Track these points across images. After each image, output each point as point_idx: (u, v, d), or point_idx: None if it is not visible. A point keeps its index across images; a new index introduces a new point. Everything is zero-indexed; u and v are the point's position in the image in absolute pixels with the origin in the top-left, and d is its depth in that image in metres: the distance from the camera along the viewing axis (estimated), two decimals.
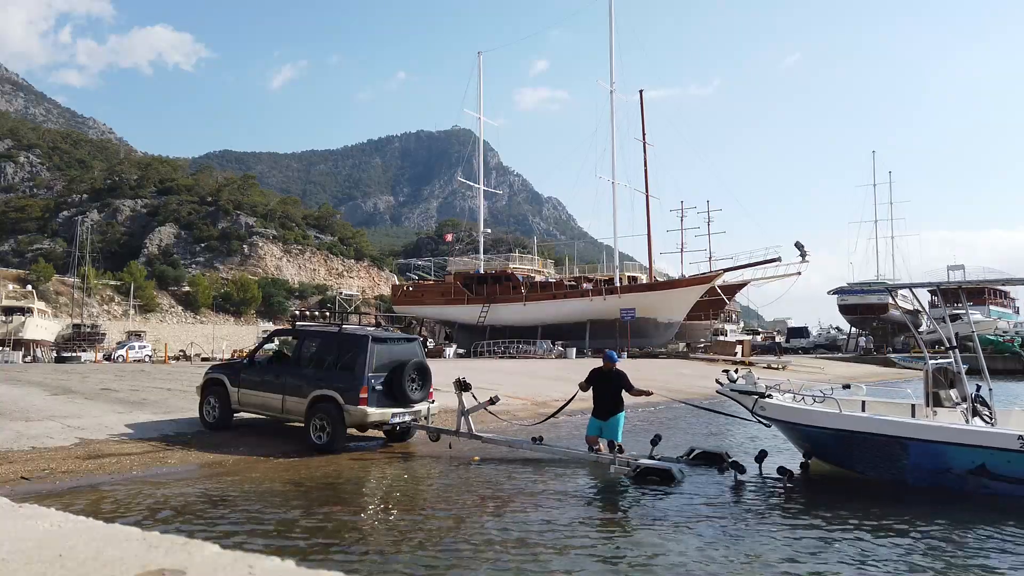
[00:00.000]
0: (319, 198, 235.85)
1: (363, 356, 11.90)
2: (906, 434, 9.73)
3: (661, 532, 7.63)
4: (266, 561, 2.02)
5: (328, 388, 11.93)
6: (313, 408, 12.03)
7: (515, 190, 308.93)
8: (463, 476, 10.72)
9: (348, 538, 7.29)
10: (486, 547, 6.95)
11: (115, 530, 2.37)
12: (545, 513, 8.39)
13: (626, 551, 7.01)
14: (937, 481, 9.52)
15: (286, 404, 12.43)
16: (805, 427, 10.81)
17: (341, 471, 10.86)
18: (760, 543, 7.30)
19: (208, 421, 13.14)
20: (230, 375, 13.24)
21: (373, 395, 11.81)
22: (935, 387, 10.71)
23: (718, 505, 8.94)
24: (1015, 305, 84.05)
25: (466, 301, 56.84)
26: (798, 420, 10.90)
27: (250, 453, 11.57)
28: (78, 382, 17.52)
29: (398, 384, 12.04)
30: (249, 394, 12.89)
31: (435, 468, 11.34)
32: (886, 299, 66.71)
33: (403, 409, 12.32)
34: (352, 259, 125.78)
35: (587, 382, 11.58)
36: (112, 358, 44.41)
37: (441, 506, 8.83)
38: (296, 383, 12.37)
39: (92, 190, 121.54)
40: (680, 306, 52.55)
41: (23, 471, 9.43)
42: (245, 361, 13.70)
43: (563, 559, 6.65)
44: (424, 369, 12.57)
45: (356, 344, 12.22)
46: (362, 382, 11.74)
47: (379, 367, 12.07)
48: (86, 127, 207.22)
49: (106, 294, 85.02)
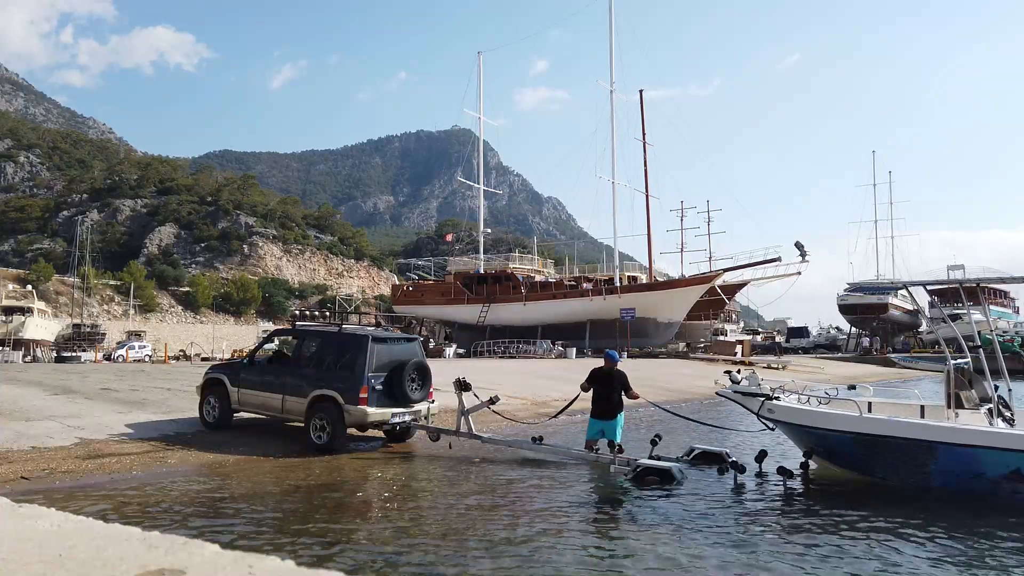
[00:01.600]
0: (319, 198, 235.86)
1: (363, 356, 11.88)
2: (935, 438, 9.34)
3: (662, 534, 7.62)
4: (266, 561, 2.02)
5: (328, 388, 11.91)
6: (313, 408, 12.01)
7: (515, 190, 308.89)
8: (463, 477, 10.72)
9: (349, 539, 7.29)
10: (486, 549, 6.95)
11: (115, 530, 2.37)
12: (546, 515, 8.39)
13: (625, 553, 7.01)
14: (968, 487, 9.18)
15: (286, 404, 12.43)
16: (821, 431, 10.34)
17: (342, 472, 10.86)
18: (766, 549, 7.28)
19: (208, 421, 13.16)
20: (230, 375, 13.23)
21: (373, 395, 11.80)
22: (957, 388, 10.26)
23: (718, 507, 8.92)
24: (1015, 305, 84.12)
25: (466, 301, 56.84)
26: (813, 424, 10.46)
27: (250, 453, 11.57)
28: (78, 382, 17.51)
29: (398, 384, 12.03)
30: (249, 394, 12.89)
31: (436, 470, 11.33)
32: (886, 299, 66.94)
33: (403, 409, 12.31)
34: (352, 259, 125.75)
35: (588, 382, 11.56)
36: (112, 358, 44.39)
37: (441, 507, 8.83)
38: (296, 383, 12.36)
39: (92, 190, 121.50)
40: (680, 306, 52.58)
41: (23, 471, 9.43)
42: (245, 361, 13.69)
43: (562, 558, 6.65)
44: (424, 369, 12.56)
45: (356, 344, 12.21)
46: (362, 382, 11.73)
47: (379, 367, 12.06)
48: (86, 127, 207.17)
49: (106, 294, 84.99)
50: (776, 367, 40.11)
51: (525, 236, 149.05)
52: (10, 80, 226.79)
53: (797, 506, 9.44)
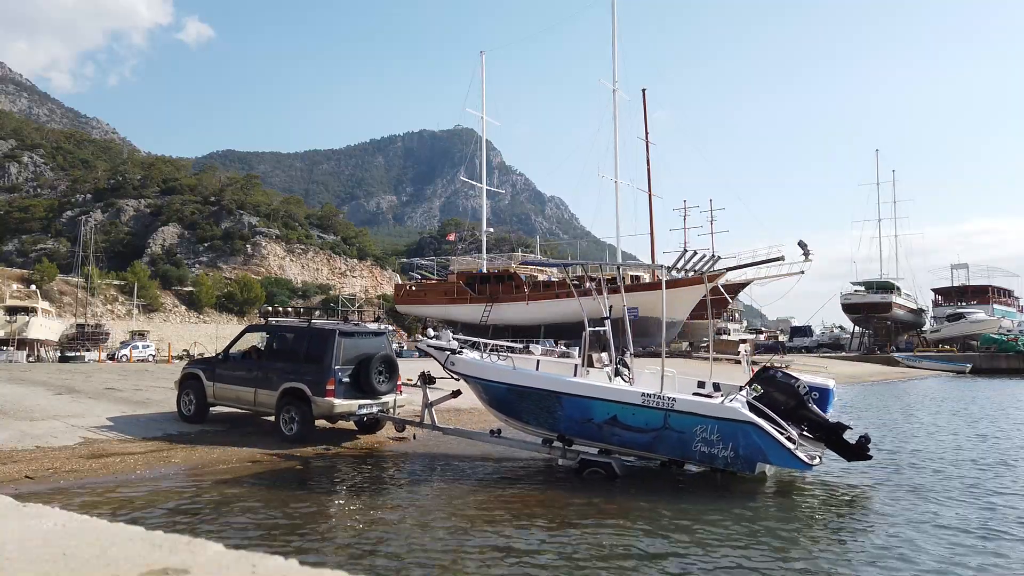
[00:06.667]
0: (322, 198, 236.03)
1: (330, 350, 12.33)
2: (562, 389, 10.94)
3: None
4: (269, 560, 2.02)
5: (297, 381, 12.37)
6: (283, 400, 12.47)
7: (518, 189, 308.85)
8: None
9: (346, 537, 7.30)
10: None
11: (118, 529, 2.37)
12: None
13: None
14: (582, 430, 10.80)
15: (258, 397, 12.87)
16: (485, 381, 11.71)
17: (342, 472, 10.89)
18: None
19: (185, 414, 13.62)
20: (206, 370, 13.71)
21: (340, 387, 12.25)
22: (591, 351, 12.04)
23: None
24: (1019, 304, 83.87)
25: (469, 300, 56.81)
26: (479, 375, 11.77)
27: (254, 452, 11.59)
28: (82, 382, 17.54)
29: (365, 377, 12.48)
30: (224, 388, 13.34)
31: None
32: (889, 298, 66.81)
33: (370, 401, 12.73)
34: (355, 259, 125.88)
35: None
36: (116, 358, 44.46)
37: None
38: (267, 377, 12.81)
39: (95, 190, 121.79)
40: (683, 305, 52.50)
41: (27, 470, 9.46)
42: (220, 356, 14.08)
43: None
44: (391, 362, 13.02)
45: (324, 338, 12.64)
46: (329, 375, 12.17)
47: (346, 360, 12.49)
48: (89, 127, 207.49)
49: (110, 294, 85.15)
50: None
51: (528, 235, 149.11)
52: (13, 80, 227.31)
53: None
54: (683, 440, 10.12)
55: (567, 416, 10.87)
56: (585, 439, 10.85)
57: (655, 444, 10.34)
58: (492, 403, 11.86)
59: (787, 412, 10.57)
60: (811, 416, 10.69)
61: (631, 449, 10.65)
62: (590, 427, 10.71)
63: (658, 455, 10.55)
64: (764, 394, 10.69)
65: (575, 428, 10.83)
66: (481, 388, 11.91)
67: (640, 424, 10.33)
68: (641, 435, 10.36)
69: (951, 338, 64.60)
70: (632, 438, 10.46)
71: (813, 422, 10.70)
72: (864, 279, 71.26)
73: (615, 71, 55.77)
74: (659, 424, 10.22)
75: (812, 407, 10.76)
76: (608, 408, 10.57)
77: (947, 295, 77.85)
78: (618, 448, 10.70)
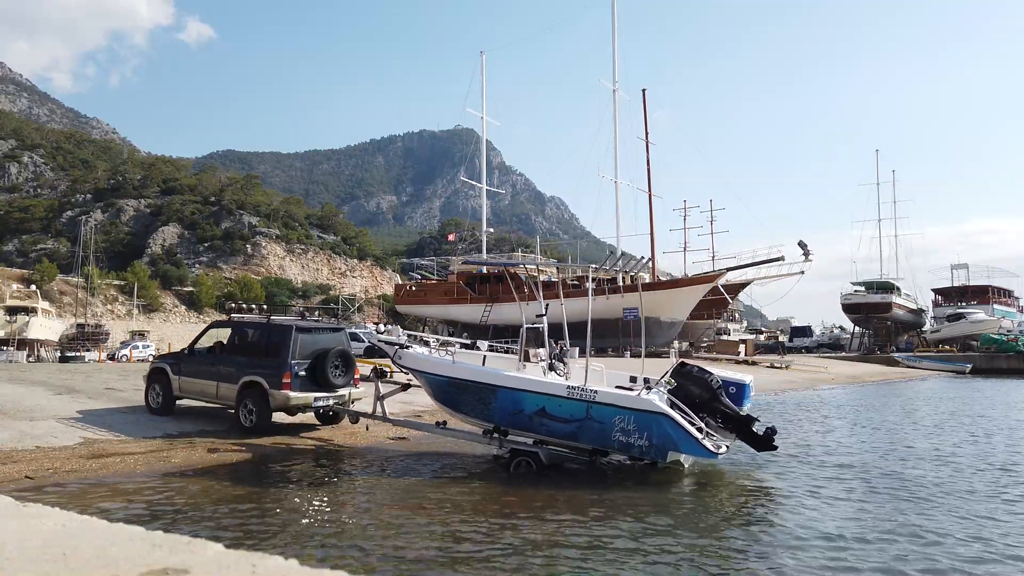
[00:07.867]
0: (322, 198, 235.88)
1: (287, 344, 12.79)
2: (496, 382, 11.43)
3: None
4: (269, 560, 2.02)
5: (255, 374, 12.82)
6: (242, 393, 12.91)
7: (518, 189, 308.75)
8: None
9: (345, 537, 7.30)
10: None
11: (118, 529, 2.38)
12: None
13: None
14: (514, 421, 11.24)
15: (220, 390, 13.32)
16: (428, 375, 12.14)
17: (343, 471, 10.89)
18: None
19: (152, 407, 14.04)
20: (172, 364, 14.16)
21: (296, 380, 12.69)
22: (527, 347, 12.48)
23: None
24: (1019, 304, 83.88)
25: (469, 300, 56.84)
26: (423, 368, 12.19)
27: (254, 452, 11.60)
28: (82, 382, 17.54)
29: (321, 370, 12.93)
30: (189, 381, 13.77)
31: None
32: (890, 298, 66.82)
33: (326, 393, 13.18)
34: (355, 259, 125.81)
35: None
36: (116, 358, 44.47)
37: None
38: (228, 370, 13.27)
39: (96, 190, 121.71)
40: (683, 305, 52.51)
41: (27, 470, 9.46)
42: (186, 351, 14.45)
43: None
44: (347, 357, 13.48)
45: (281, 334, 13.12)
46: (285, 368, 12.61)
47: (303, 355, 12.93)
48: (89, 127, 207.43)
49: (110, 294, 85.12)
50: (779, 367, 40.07)
51: (528, 235, 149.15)
52: (13, 80, 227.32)
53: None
54: (604, 430, 10.69)
55: (500, 408, 11.34)
56: (519, 429, 11.33)
57: (579, 434, 10.88)
58: (436, 396, 12.32)
59: (702, 404, 11.25)
60: (724, 408, 11.31)
61: (558, 439, 11.12)
62: (522, 418, 11.20)
63: (582, 444, 11.03)
64: (680, 387, 11.29)
65: (508, 419, 11.31)
66: (425, 381, 12.35)
67: (566, 415, 10.86)
68: (567, 425, 10.88)
69: (951, 338, 64.64)
70: (559, 428, 10.96)
71: (726, 414, 11.31)
72: (864, 279, 71.33)
73: (615, 71, 55.87)
74: (582, 415, 10.77)
75: (724, 400, 11.37)
76: (537, 400, 11.06)
77: (947, 295, 77.91)
78: (547, 438, 11.19)
